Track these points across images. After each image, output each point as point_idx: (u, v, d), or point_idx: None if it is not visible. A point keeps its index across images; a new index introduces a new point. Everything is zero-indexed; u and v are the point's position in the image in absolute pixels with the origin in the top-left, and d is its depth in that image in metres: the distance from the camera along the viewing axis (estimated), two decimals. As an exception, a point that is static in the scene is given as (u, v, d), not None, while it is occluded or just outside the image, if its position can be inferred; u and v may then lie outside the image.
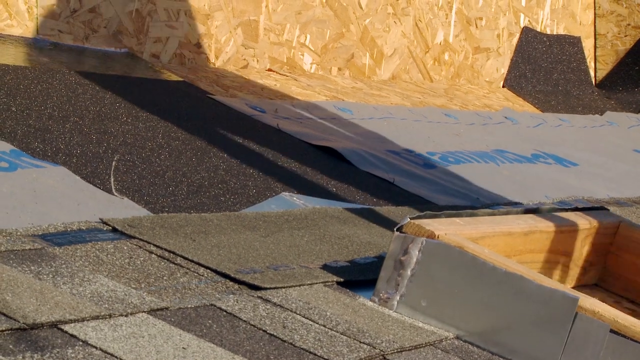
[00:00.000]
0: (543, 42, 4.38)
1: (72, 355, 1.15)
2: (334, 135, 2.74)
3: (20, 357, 1.11)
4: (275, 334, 1.37)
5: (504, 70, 4.26)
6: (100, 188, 1.86)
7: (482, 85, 4.11)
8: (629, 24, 4.57)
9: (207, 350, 1.26)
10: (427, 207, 2.26)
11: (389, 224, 1.91)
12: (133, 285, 1.41)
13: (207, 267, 1.55)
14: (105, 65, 2.76)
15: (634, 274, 2.00)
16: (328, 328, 1.44)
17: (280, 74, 3.33)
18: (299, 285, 1.56)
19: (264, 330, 1.37)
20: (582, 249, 1.94)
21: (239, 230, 1.77)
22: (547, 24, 4.45)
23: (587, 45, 4.60)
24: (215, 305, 1.41)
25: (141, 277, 1.45)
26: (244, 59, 3.28)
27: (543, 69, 4.32)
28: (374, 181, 2.42)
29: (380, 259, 1.63)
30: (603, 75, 4.60)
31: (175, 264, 1.54)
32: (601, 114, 4.08)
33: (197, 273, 1.53)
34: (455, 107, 3.61)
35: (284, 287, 1.54)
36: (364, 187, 2.35)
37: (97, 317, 1.26)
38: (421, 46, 3.90)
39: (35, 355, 1.13)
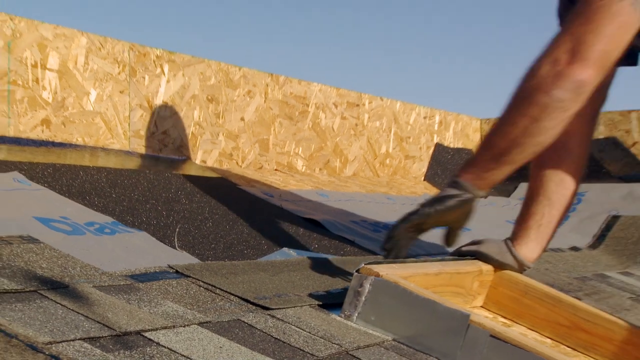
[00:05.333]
0: (448, 152, 4.42)
1: (149, 351, 1.15)
2: (317, 211, 2.75)
3: (117, 353, 1.12)
4: (278, 337, 1.37)
5: (424, 169, 4.29)
6: (168, 245, 1.86)
7: (411, 179, 4.14)
8: (503, 141, 4.63)
9: (235, 349, 1.26)
10: (375, 257, 2.26)
11: (351, 268, 1.92)
12: (188, 307, 1.41)
13: (235, 295, 1.55)
14: (172, 167, 2.79)
15: (506, 300, 2.01)
16: (312, 334, 1.44)
17: (283, 172, 3.35)
18: (294, 307, 1.56)
19: (271, 335, 1.37)
20: (472, 284, 1.95)
21: (256, 271, 1.77)
22: (451, 140, 4.50)
23: (477, 154, 4.67)
24: (240, 320, 1.41)
25: (193, 302, 1.46)
26: (260, 163, 3.31)
27: (449, 169, 4.35)
28: (342, 241, 2.43)
29: (345, 290, 1.63)
30: (487, 173, 4.66)
31: (215, 293, 1.54)
32: (485, 197, 4.11)
33: (229, 299, 1.53)
34: (393, 193, 3.62)
35: (284, 308, 1.53)
36: (336, 244, 2.36)
37: (165, 327, 1.27)
38: (372, 155, 3.93)
39: (127, 352, 1.13)
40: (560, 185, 2.06)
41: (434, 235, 2.83)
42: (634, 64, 1.98)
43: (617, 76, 2.05)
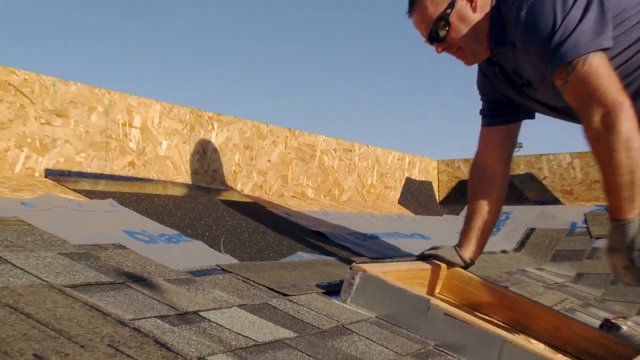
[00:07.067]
0: (415, 183, 4.42)
1: (203, 325, 1.16)
2: (322, 225, 2.75)
3: (180, 326, 1.12)
4: (294, 315, 1.38)
5: (398, 196, 4.28)
6: (216, 250, 1.87)
7: (388, 203, 4.13)
8: (453, 176, 4.62)
9: (263, 323, 1.27)
10: (363, 258, 2.26)
11: (345, 265, 1.92)
12: (230, 294, 1.42)
13: (264, 285, 1.55)
14: (219, 195, 2.79)
15: (455, 289, 2.00)
16: (318, 313, 1.44)
17: (297, 198, 3.35)
18: (305, 294, 1.57)
19: (289, 314, 1.38)
20: (432, 277, 1.94)
21: (278, 269, 1.78)
22: (417, 175, 4.51)
23: (435, 185, 4.64)
24: (267, 303, 1.41)
25: (234, 290, 1.46)
26: (281, 192, 3.32)
27: (415, 196, 4.35)
28: (340, 247, 2.43)
29: (342, 281, 1.62)
30: (441, 198, 4.62)
31: (250, 284, 1.55)
32: (441, 215, 4.09)
33: (260, 288, 1.53)
34: (376, 212, 3.62)
35: (298, 295, 1.54)
36: (335, 249, 2.36)
37: (214, 308, 1.27)
38: (361, 185, 3.94)
39: (187, 325, 1.13)
40: (489, 207, 2.07)
41: (409, 245, 2.83)
42: (533, 117, 2.02)
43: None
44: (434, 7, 1.77)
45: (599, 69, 1.52)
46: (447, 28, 1.76)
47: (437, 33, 1.78)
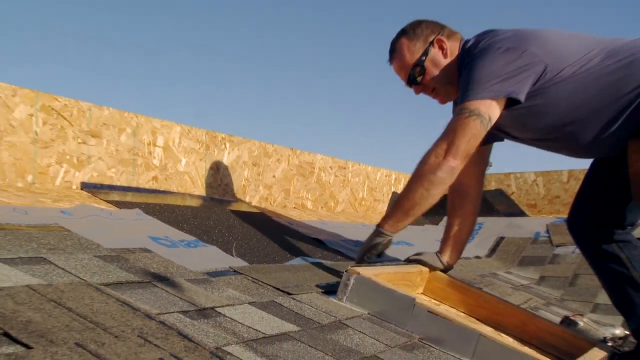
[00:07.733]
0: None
1: (219, 319, 1.16)
2: (320, 233, 2.74)
3: (199, 320, 1.13)
4: (297, 312, 1.38)
5: (385, 208, 4.27)
6: (229, 254, 1.87)
7: (377, 214, 4.10)
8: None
9: (270, 318, 1.27)
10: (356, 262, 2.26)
11: (341, 268, 1.92)
12: (242, 293, 1.42)
13: (271, 285, 1.56)
14: (230, 206, 2.79)
15: (436, 289, 2.01)
16: (318, 310, 1.44)
17: (298, 209, 3.35)
18: (306, 293, 1.57)
19: (293, 310, 1.38)
20: (416, 279, 1.95)
21: (282, 271, 1.78)
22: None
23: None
24: (274, 300, 1.42)
25: (245, 289, 1.46)
26: (284, 204, 3.32)
27: (400, 207, 4.33)
28: (335, 251, 2.42)
29: (338, 283, 1.63)
30: (423, 210, 4.61)
31: (258, 284, 1.55)
32: (423, 225, 4.06)
33: (267, 288, 1.53)
34: (367, 222, 3.60)
35: (300, 294, 1.54)
36: (332, 254, 2.36)
37: (228, 305, 1.27)
38: (353, 198, 3.94)
39: (205, 319, 1.14)
40: (465, 218, 2.09)
41: (395, 251, 2.84)
42: (502, 140, 2.05)
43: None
44: (410, 55, 1.84)
45: (472, 131, 1.63)
46: (422, 73, 1.82)
47: (414, 77, 1.84)
